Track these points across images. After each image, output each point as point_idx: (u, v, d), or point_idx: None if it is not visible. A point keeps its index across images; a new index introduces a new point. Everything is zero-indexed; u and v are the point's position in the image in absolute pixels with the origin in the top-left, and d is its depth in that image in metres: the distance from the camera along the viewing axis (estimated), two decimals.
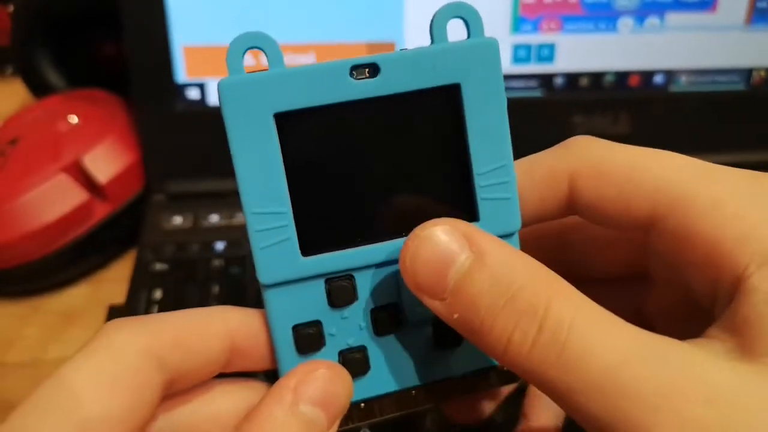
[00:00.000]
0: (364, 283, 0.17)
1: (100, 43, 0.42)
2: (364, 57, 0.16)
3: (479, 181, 0.16)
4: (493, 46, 0.16)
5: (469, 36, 0.16)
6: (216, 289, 0.31)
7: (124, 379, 0.14)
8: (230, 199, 0.34)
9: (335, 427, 0.16)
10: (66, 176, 0.33)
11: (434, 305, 0.14)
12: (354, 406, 0.17)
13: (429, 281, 0.14)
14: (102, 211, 0.34)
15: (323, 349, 0.17)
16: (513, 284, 0.14)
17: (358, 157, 0.16)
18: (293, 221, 0.16)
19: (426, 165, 0.16)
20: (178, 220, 0.34)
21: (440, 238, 0.14)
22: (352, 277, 0.17)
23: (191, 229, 0.34)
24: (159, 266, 0.32)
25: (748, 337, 0.13)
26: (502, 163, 0.16)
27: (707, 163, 0.16)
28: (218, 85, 0.15)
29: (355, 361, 0.17)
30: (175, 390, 0.16)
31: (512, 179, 0.17)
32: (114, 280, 0.34)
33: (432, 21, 0.16)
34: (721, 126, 0.37)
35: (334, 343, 0.17)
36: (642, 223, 0.16)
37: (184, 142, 0.34)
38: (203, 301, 0.30)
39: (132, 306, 0.30)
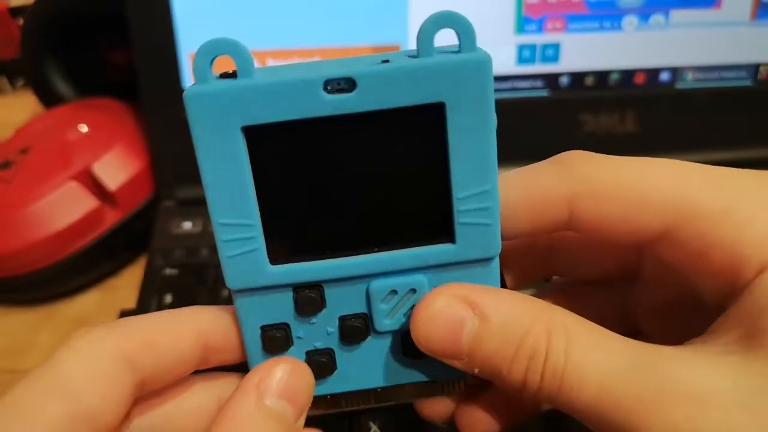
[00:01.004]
0: (333, 293, 0.16)
1: (108, 53, 0.42)
2: (340, 69, 0.14)
3: (458, 206, 0.15)
4: (483, 63, 0.14)
5: (459, 49, 0.14)
6: (226, 292, 0.31)
7: (91, 383, 0.14)
8: None
9: (303, 417, 0.16)
10: (76, 184, 0.33)
11: (454, 363, 0.16)
12: (321, 398, 0.18)
13: (445, 350, 0.16)
14: (112, 217, 0.34)
15: (291, 350, 0.17)
16: (518, 334, 0.15)
17: (331, 173, 0.15)
18: (261, 232, 0.16)
19: (402, 183, 0.15)
20: (187, 225, 0.34)
21: (445, 311, 0.16)
22: (321, 287, 0.16)
23: (201, 233, 0.34)
24: (169, 271, 0.32)
25: (753, 327, 0.14)
26: (484, 188, 0.15)
27: (709, 167, 0.16)
28: (184, 95, 0.14)
29: (321, 363, 0.17)
30: (151, 389, 0.16)
31: (495, 205, 0.16)
32: (125, 286, 0.34)
33: (419, 32, 0.14)
34: (729, 122, 0.37)
35: (302, 345, 0.17)
36: (649, 239, 0.16)
37: (192, 146, 0.34)
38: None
39: (143, 311, 0.30)
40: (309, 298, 0.16)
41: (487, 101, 0.15)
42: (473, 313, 0.15)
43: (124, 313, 0.31)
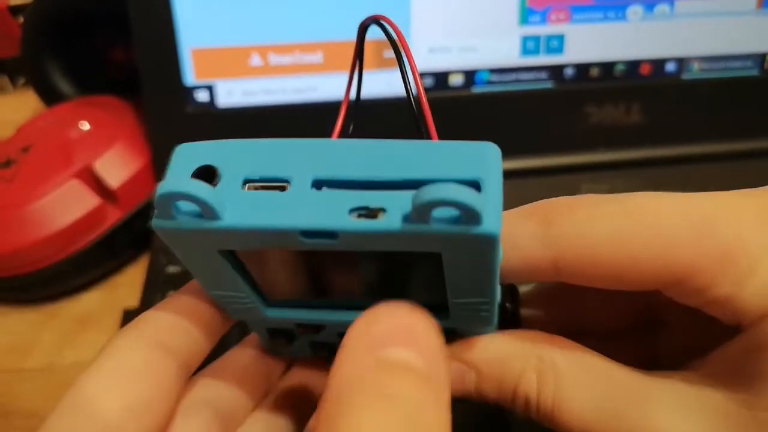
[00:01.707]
0: (334, 317, 0.16)
1: (109, 50, 0.42)
2: (318, 220, 0.12)
3: (453, 305, 0.15)
4: (489, 239, 0.12)
5: (460, 220, 0.12)
6: None
7: (137, 374, 0.14)
8: None
9: (440, 368, 0.12)
10: (78, 182, 0.33)
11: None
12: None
13: (456, 395, 0.17)
14: (114, 215, 0.34)
15: (295, 342, 0.17)
16: (511, 381, 0.16)
17: (322, 264, 0.15)
18: (254, 295, 0.16)
19: (396, 273, 0.15)
20: None
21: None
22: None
23: None
24: (172, 269, 0.32)
25: (742, 368, 0.15)
26: (481, 300, 0.15)
27: (704, 199, 0.15)
28: (153, 222, 0.13)
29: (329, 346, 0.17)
30: (194, 366, 0.16)
31: (491, 307, 0.15)
32: (128, 284, 0.34)
33: (413, 204, 0.11)
34: (736, 113, 0.37)
35: (307, 338, 0.18)
36: (643, 294, 0.16)
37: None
38: None
39: (147, 309, 0.30)
40: (309, 326, 0.17)
41: (492, 262, 0.13)
42: (468, 367, 0.17)
43: (127, 312, 0.31)
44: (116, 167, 0.34)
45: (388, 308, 0.12)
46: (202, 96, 0.34)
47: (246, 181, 0.13)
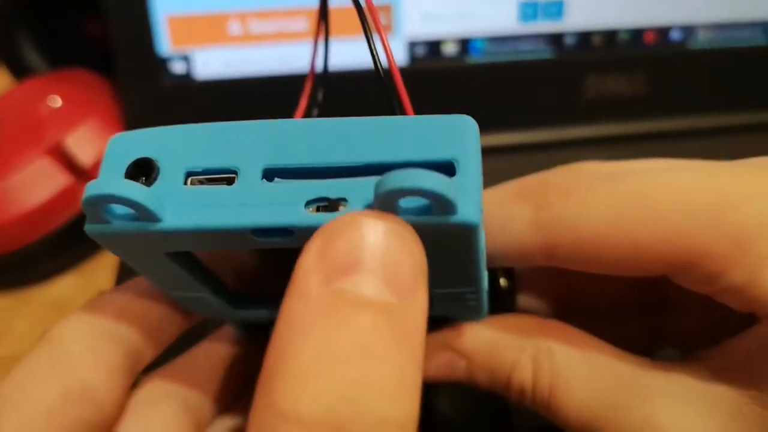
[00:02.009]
0: None
1: (84, 22, 0.40)
2: (270, 217, 0.11)
3: (436, 293, 0.13)
4: (467, 228, 0.10)
5: (431, 209, 0.10)
6: None
7: (80, 358, 0.14)
8: None
9: (417, 301, 0.10)
10: (49, 160, 0.31)
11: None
12: None
13: (447, 379, 0.17)
14: None
15: None
16: (505, 369, 0.16)
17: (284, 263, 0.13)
18: (217, 296, 0.14)
19: None
20: None
21: (436, 357, 0.16)
22: None
23: None
24: None
25: (751, 365, 0.14)
26: (465, 290, 0.13)
27: (714, 175, 0.13)
28: (85, 227, 0.11)
29: None
30: (147, 358, 0.15)
31: (480, 297, 0.14)
32: (104, 268, 0.32)
33: (375, 194, 0.10)
34: (743, 83, 0.35)
35: None
36: (648, 279, 0.14)
37: (170, 119, 0.32)
38: None
39: None
40: None
41: (473, 249, 0.11)
42: (459, 356, 0.16)
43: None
44: (89, 144, 0.32)
45: (348, 221, 0.10)
46: (178, 67, 0.32)
47: (188, 174, 0.11)
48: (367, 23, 0.14)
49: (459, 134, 0.11)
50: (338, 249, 0.10)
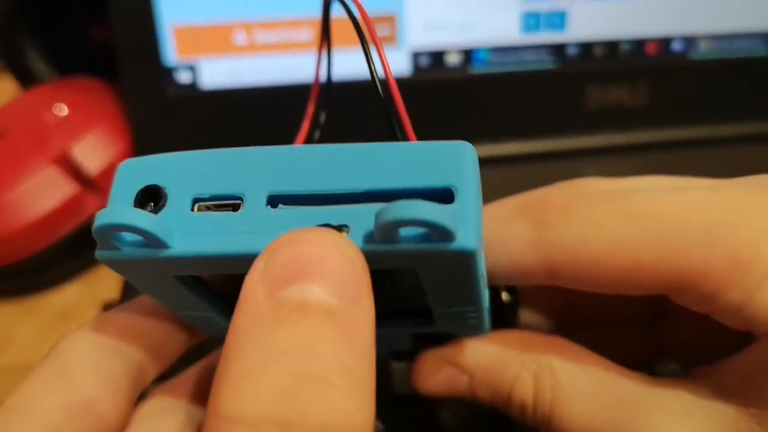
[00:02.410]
0: None
1: (90, 29, 0.40)
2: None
3: (438, 313, 0.14)
4: (465, 254, 0.11)
5: (430, 237, 0.10)
6: None
7: (82, 371, 0.14)
8: None
9: (364, 306, 0.11)
10: (55, 169, 0.31)
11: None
12: None
13: (447, 395, 0.17)
14: (94, 204, 0.32)
15: None
16: (506, 385, 0.16)
17: None
18: (223, 316, 0.14)
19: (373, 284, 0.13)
20: None
21: (437, 372, 0.17)
22: None
23: None
24: None
25: (749, 381, 0.14)
26: (465, 309, 0.13)
27: (709, 194, 0.13)
28: (96, 253, 0.12)
29: None
30: (151, 375, 0.15)
31: (481, 316, 0.14)
32: (109, 276, 0.32)
33: (376, 224, 0.10)
34: (744, 94, 0.35)
35: None
36: (647, 298, 0.15)
37: (175, 128, 0.32)
38: None
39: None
40: None
41: (472, 272, 0.12)
42: (461, 371, 0.16)
43: (108, 305, 0.30)
44: (95, 153, 0.32)
45: (288, 238, 0.10)
46: (184, 77, 0.32)
47: (195, 200, 0.12)
48: (365, 38, 0.14)
49: (457, 160, 0.11)
50: (280, 263, 0.10)
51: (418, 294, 0.13)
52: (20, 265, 0.31)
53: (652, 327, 0.19)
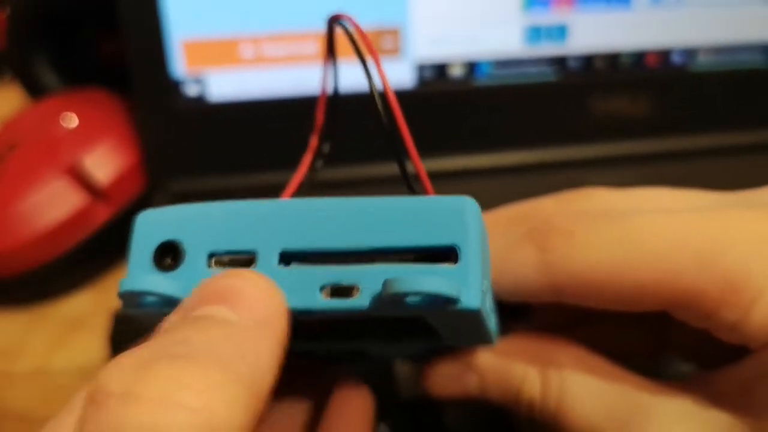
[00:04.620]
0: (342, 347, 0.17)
1: (100, 41, 0.41)
2: (288, 300, 0.12)
3: (451, 345, 0.15)
4: (470, 313, 0.12)
5: (435, 301, 0.11)
6: None
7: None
8: (234, 197, 0.33)
9: (272, 323, 0.11)
10: (66, 180, 0.32)
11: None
12: None
13: (458, 396, 0.18)
14: (104, 214, 0.33)
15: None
16: (514, 385, 0.17)
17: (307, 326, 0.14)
18: None
19: (387, 323, 0.14)
20: None
21: (449, 373, 0.17)
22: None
23: None
24: None
25: (746, 392, 0.14)
26: (476, 341, 0.15)
27: (707, 216, 0.14)
28: (123, 311, 0.13)
29: None
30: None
31: (492, 340, 0.15)
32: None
33: (383, 293, 0.11)
34: (745, 105, 0.36)
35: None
36: (648, 314, 0.15)
37: (184, 140, 0.33)
38: None
39: None
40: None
41: (479, 321, 0.12)
42: (471, 372, 0.17)
43: (118, 314, 0.30)
44: (105, 164, 0.32)
45: (217, 277, 0.11)
46: (192, 90, 0.33)
47: (211, 255, 0.12)
48: (365, 62, 0.14)
49: (461, 218, 0.12)
50: (196, 294, 0.11)
51: (428, 332, 0.14)
52: (32, 274, 0.31)
53: (656, 324, 0.19)
